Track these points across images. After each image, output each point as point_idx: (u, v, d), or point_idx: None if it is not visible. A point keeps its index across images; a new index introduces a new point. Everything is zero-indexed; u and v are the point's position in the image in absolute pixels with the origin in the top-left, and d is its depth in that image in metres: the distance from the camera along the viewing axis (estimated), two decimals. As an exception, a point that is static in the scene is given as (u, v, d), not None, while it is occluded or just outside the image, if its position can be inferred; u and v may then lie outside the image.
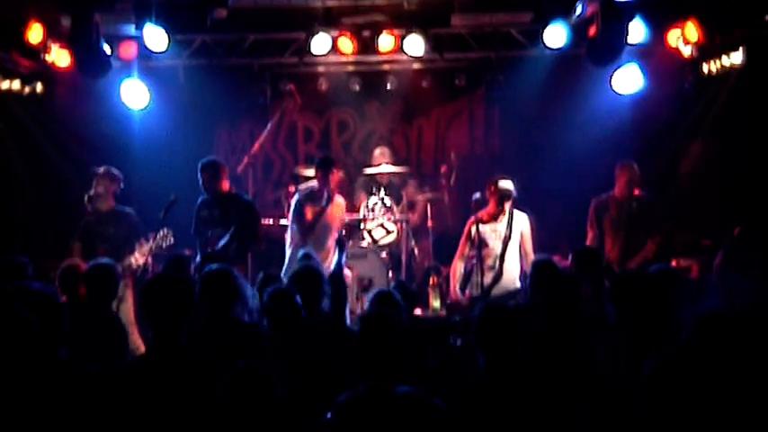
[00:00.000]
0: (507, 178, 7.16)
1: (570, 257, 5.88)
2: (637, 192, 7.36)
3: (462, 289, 7.16)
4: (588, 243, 7.32)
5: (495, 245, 7.13)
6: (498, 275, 7.08)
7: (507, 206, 7.12)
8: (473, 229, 7.04)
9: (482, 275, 6.95)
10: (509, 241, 7.11)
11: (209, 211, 7.21)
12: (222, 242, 6.96)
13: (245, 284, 5.02)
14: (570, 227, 7.98)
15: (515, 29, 8.58)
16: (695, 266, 7.21)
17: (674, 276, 4.92)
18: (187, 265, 6.19)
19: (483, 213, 7.13)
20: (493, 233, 7.14)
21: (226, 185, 7.24)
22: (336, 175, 7.65)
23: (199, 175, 7.18)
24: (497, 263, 7.08)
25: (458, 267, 7.26)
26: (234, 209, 7.10)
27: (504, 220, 7.14)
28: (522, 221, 7.21)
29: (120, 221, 7.21)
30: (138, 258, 6.88)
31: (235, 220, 7.02)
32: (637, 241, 7.28)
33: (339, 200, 7.79)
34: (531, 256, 6.94)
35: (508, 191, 7.07)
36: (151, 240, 6.87)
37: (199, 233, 7.23)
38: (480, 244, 7.00)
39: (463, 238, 7.26)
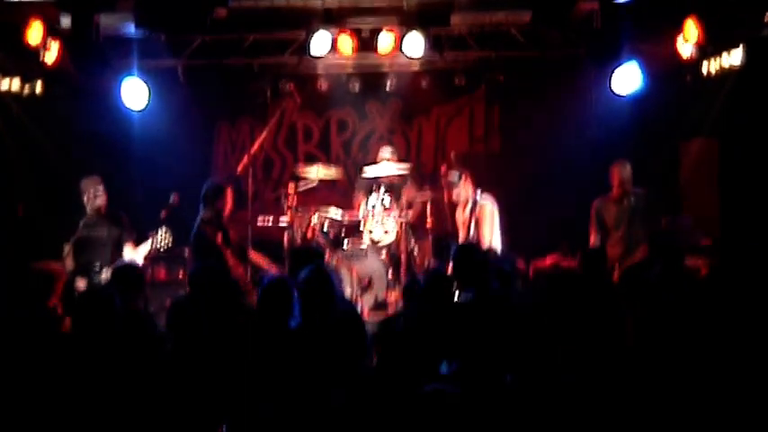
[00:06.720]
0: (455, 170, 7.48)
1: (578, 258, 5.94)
2: (631, 189, 7.37)
3: None
4: (591, 243, 7.31)
5: (462, 236, 7.38)
6: None
7: (454, 194, 7.42)
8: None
9: None
10: (469, 231, 7.24)
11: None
12: None
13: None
14: (569, 226, 7.97)
15: (515, 29, 8.58)
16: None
17: None
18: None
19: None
20: (462, 224, 7.43)
21: None
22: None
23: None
24: None
25: None
26: None
27: (467, 208, 7.39)
28: (482, 207, 7.37)
29: (111, 224, 7.15)
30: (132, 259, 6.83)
31: None
32: (637, 238, 7.27)
33: None
34: (486, 243, 7.10)
35: (449, 181, 7.46)
36: (150, 241, 6.86)
37: None
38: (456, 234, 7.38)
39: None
